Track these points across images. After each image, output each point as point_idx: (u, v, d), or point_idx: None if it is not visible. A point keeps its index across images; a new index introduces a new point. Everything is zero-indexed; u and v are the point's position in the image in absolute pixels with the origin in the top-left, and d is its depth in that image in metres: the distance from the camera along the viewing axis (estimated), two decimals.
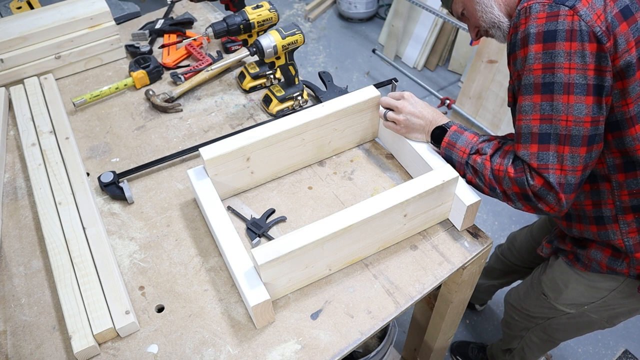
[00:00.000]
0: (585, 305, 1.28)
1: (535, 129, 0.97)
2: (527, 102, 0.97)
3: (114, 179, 1.21)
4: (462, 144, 1.10)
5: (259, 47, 1.27)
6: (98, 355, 0.94)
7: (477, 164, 1.07)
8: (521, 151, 0.99)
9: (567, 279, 1.27)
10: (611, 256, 1.14)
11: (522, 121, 0.98)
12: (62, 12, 1.54)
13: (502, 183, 1.03)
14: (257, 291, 0.93)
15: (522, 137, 0.99)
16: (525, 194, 1.00)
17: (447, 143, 1.12)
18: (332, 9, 3.96)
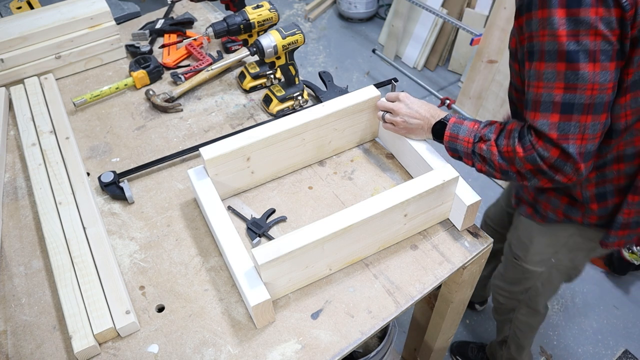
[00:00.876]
0: (551, 258, 1.35)
1: (559, 98, 0.92)
2: (550, 69, 0.92)
3: (114, 178, 1.21)
4: (464, 134, 1.08)
5: (259, 47, 1.28)
6: (98, 355, 0.95)
7: (484, 151, 1.05)
8: (539, 120, 0.95)
9: (530, 234, 1.34)
10: (567, 204, 1.19)
11: (542, 89, 0.93)
12: (62, 12, 1.54)
13: (514, 163, 1.01)
14: (258, 291, 0.93)
15: (542, 106, 0.94)
16: (539, 169, 0.98)
17: (449, 136, 1.10)
18: (332, 9, 3.96)
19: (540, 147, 0.96)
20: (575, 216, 1.19)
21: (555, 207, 1.21)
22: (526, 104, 0.99)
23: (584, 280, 2.24)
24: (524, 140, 0.98)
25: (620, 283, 2.23)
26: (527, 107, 0.98)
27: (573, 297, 2.19)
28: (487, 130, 1.06)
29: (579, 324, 2.10)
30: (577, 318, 2.12)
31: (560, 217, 1.22)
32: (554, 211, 1.22)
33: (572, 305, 2.16)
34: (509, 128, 1.03)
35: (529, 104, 0.97)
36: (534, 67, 0.95)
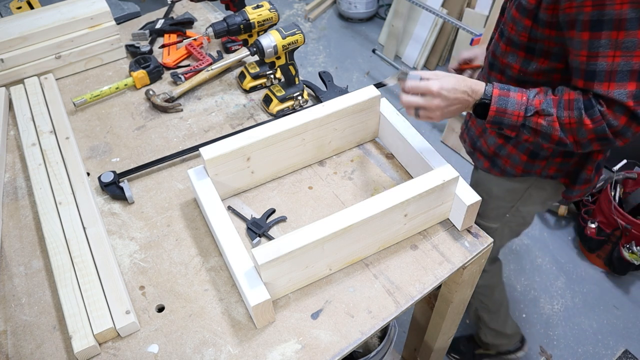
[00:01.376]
0: (507, 213, 1.40)
1: (637, 66, 0.90)
2: (630, 37, 0.89)
3: (114, 178, 1.21)
4: (512, 107, 1.01)
5: (259, 47, 1.28)
6: (98, 355, 0.95)
7: (543, 126, 1.00)
8: (616, 90, 0.92)
9: (488, 187, 1.37)
10: (527, 161, 1.23)
11: (620, 58, 0.90)
12: (62, 12, 1.54)
13: (575, 134, 0.99)
14: (258, 291, 0.93)
15: (618, 75, 0.92)
16: (603, 137, 0.97)
17: (496, 111, 1.02)
18: (332, 9, 3.96)
19: (611, 117, 0.95)
20: (534, 170, 1.25)
21: (515, 164, 1.25)
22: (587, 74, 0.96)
23: (584, 280, 2.24)
24: (592, 111, 0.96)
25: (620, 283, 2.23)
26: (590, 77, 0.95)
27: (573, 297, 2.19)
28: (543, 103, 1.00)
29: (579, 324, 2.10)
30: (577, 318, 2.12)
31: (519, 172, 1.27)
32: (513, 167, 1.27)
33: (572, 305, 2.16)
34: (567, 98, 0.99)
35: (597, 75, 0.94)
36: (606, 37, 0.90)
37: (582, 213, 2.27)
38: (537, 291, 2.21)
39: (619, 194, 2.17)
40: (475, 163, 1.38)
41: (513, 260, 2.32)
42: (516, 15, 1.04)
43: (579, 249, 2.35)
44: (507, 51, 1.11)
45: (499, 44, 1.13)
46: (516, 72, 1.12)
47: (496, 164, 1.30)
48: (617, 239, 2.11)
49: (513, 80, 1.14)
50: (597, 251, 2.23)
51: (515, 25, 1.05)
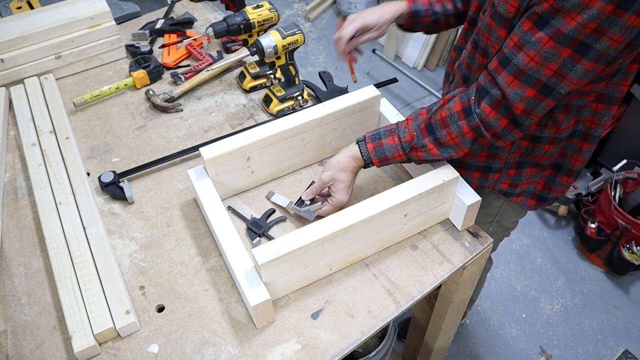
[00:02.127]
0: (489, 227, 1.37)
1: (544, 78, 0.90)
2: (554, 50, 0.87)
3: (114, 178, 1.21)
4: (390, 152, 1.06)
5: (259, 47, 1.27)
6: (98, 355, 0.95)
7: (423, 156, 1.05)
8: (515, 88, 0.92)
9: None
10: (480, 177, 1.22)
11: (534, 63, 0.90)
12: (62, 12, 1.54)
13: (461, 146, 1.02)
14: (258, 291, 0.93)
15: (525, 77, 0.91)
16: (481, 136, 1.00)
17: (379, 161, 1.08)
18: (332, 9, 3.96)
19: (492, 118, 0.96)
20: (487, 184, 1.23)
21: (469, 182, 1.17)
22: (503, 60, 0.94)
23: (584, 280, 2.25)
24: (471, 117, 0.98)
25: (620, 283, 2.23)
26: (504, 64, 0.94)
27: (573, 297, 2.19)
28: (415, 137, 1.04)
29: (579, 324, 2.10)
30: (577, 318, 2.12)
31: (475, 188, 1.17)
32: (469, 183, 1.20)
33: (572, 305, 2.16)
34: (440, 117, 1.02)
35: (509, 66, 0.93)
36: (539, 38, 0.88)
37: (582, 213, 2.27)
38: (537, 291, 2.21)
39: (619, 194, 2.17)
40: None
41: (513, 260, 2.32)
42: (491, 24, 1.01)
43: (579, 249, 2.35)
44: (484, 63, 1.08)
45: (475, 56, 1.10)
46: None
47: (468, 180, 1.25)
48: (617, 239, 2.11)
49: None
50: (597, 251, 2.23)
51: (490, 35, 1.03)
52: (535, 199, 1.25)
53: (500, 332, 2.08)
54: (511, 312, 2.14)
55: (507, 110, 0.95)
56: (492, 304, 2.17)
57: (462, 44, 1.21)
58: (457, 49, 1.24)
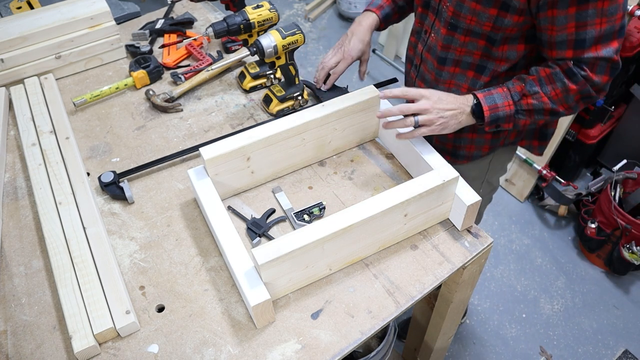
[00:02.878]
0: (480, 189, 1.47)
1: (618, 26, 1.03)
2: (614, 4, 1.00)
3: (114, 178, 1.21)
4: (501, 100, 1.12)
5: (259, 47, 1.27)
6: (98, 355, 0.95)
7: (534, 104, 1.11)
8: (603, 50, 1.04)
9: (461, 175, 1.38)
10: (492, 138, 1.31)
11: (606, 24, 1.01)
12: (62, 12, 1.54)
13: (564, 102, 1.11)
14: (258, 291, 0.93)
15: (604, 38, 1.03)
16: (587, 96, 1.10)
17: (490, 109, 1.12)
18: (332, 9, 3.96)
19: (595, 78, 1.07)
20: (498, 143, 1.33)
21: (481, 145, 1.33)
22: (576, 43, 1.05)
23: (584, 280, 2.25)
24: (575, 78, 1.07)
25: (620, 283, 2.24)
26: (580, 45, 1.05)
27: (573, 297, 2.19)
28: (526, 85, 1.11)
29: (579, 324, 2.10)
30: (577, 318, 2.12)
31: (486, 151, 1.35)
32: (479, 149, 1.34)
33: (572, 305, 2.16)
34: (545, 75, 1.10)
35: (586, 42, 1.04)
36: (593, 7, 1.00)
37: (582, 213, 2.27)
38: (537, 291, 2.21)
39: (619, 194, 2.17)
40: None
41: (513, 260, 2.32)
42: (477, 7, 1.09)
43: (579, 249, 2.35)
44: (466, 42, 1.16)
45: (455, 36, 1.17)
46: (478, 57, 1.18)
47: (459, 155, 1.36)
48: (617, 239, 2.11)
49: (471, 67, 1.20)
50: (597, 251, 2.23)
51: (476, 16, 1.10)
52: (537, 139, 1.36)
53: (500, 332, 2.08)
54: (511, 312, 2.14)
55: (604, 67, 1.06)
56: (492, 304, 2.17)
57: (420, 28, 1.30)
58: (414, 33, 1.34)
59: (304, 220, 1.14)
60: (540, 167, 2.38)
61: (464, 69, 1.21)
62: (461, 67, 1.21)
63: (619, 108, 2.36)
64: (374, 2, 1.42)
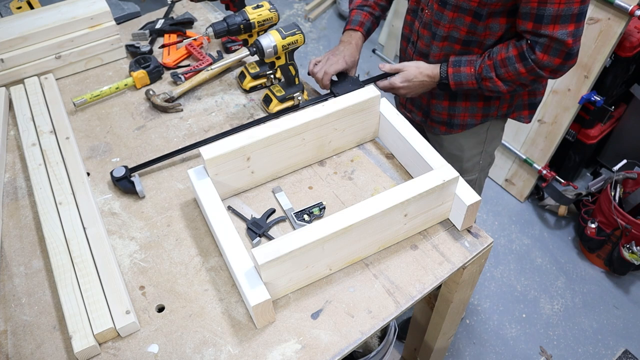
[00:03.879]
0: (480, 160, 1.56)
1: (576, 10, 1.10)
2: None
3: (125, 173, 1.21)
4: (466, 79, 1.28)
5: (259, 47, 1.28)
6: (98, 355, 0.95)
7: (490, 87, 1.27)
8: (559, 31, 1.12)
9: (459, 144, 1.52)
10: (484, 106, 1.41)
11: (564, 4, 1.09)
12: (62, 12, 1.54)
13: (518, 81, 1.24)
14: (258, 291, 0.93)
15: (562, 19, 1.11)
16: (540, 76, 1.21)
17: (455, 84, 1.30)
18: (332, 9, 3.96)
19: (546, 60, 1.17)
20: (491, 112, 1.43)
21: (474, 113, 1.43)
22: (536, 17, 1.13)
23: (584, 280, 2.25)
24: (526, 62, 1.19)
25: (620, 283, 2.24)
26: (539, 20, 1.13)
27: (573, 297, 2.19)
28: (484, 69, 1.25)
29: (579, 324, 2.10)
30: (577, 318, 2.12)
31: (479, 119, 1.44)
32: (472, 117, 1.44)
33: (572, 305, 2.16)
34: (500, 58, 1.23)
35: (544, 19, 1.12)
36: None
37: (582, 213, 2.27)
38: (537, 291, 2.21)
39: (619, 194, 2.17)
40: (430, 130, 1.55)
41: (513, 260, 2.32)
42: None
43: (579, 249, 2.35)
44: (454, 17, 1.25)
45: (443, 13, 1.26)
46: (464, 33, 1.27)
47: (454, 124, 1.46)
48: (617, 239, 2.11)
49: (459, 42, 1.30)
50: (597, 251, 2.23)
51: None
52: (527, 109, 1.46)
53: (500, 332, 2.08)
54: (511, 312, 2.14)
55: (559, 50, 1.15)
56: (492, 304, 2.17)
57: (416, 6, 1.37)
58: (410, 12, 1.41)
59: (304, 220, 1.14)
60: (540, 167, 2.38)
61: (451, 43, 1.31)
62: (449, 42, 1.31)
63: (619, 108, 2.36)
64: (354, 20, 1.49)
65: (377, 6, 1.51)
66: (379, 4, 1.51)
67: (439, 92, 1.42)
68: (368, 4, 1.50)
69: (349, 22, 1.50)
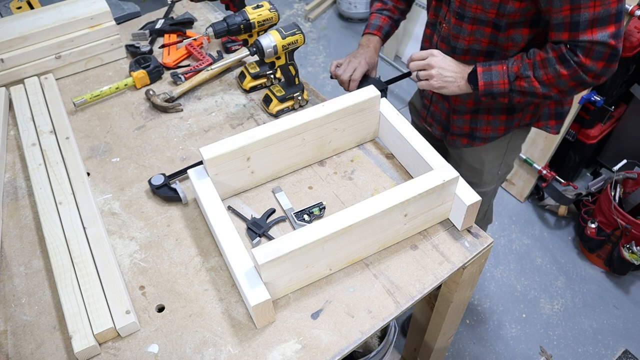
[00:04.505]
0: (498, 170, 1.53)
1: (614, 9, 1.04)
2: None
3: (164, 181, 1.20)
4: (497, 78, 1.19)
5: (259, 47, 1.28)
6: (98, 355, 0.95)
7: (525, 87, 1.18)
8: (599, 34, 1.06)
9: (480, 158, 1.49)
10: (507, 119, 1.38)
11: (599, 7, 1.03)
12: (62, 12, 1.54)
13: (557, 86, 1.15)
14: (258, 291, 0.93)
15: (599, 22, 1.05)
16: (582, 82, 1.13)
17: (484, 85, 1.21)
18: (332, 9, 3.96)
19: (589, 64, 1.09)
20: (513, 124, 1.39)
21: (497, 126, 1.40)
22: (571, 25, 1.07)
23: (584, 280, 2.25)
24: (567, 64, 1.11)
25: (620, 283, 2.24)
26: (574, 28, 1.07)
27: (573, 297, 2.19)
28: (521, 67, 1.17)
29: (579, 324, 2.10)
30: (577, 318, 2.12)
31: (502, 132, 1.41)
32: (495, 130, 1.41)
33: (572, 305, 2.16)
34: (539, 59, 1.15)
35: (580, 25, 1.06)
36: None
37: (582, 213, 2.27)
38: (537, 291, 2.21)
39: (619, 194, 2.17)
40: (451, 144, 1.52)
41: (513, 260, 2.32)
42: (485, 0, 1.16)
43: (579, 249, 2.35)
44: (473, 30, 1.23)
45: (462, 26, 1.23)
46: (486, 45, 1.25)
47: (476, 137, 1.44)
48: (617, 239, 2.11)
49: (482, 54, 1.27)
50: (597, 251, 2.23)
51: (480, 4, 1.16)
52: (554, 118, 1.40)
53: (500, 332, 2.08)
54: (511, 312, 2.14)
55: (602, 52, 1.07)
56: (492, 304, 2.17)
57: (435, 20, 1.36)
58: (429, 25, 1.40)
59: (304, 220, 1.14)
60: (540, 167, 2.38)
61: (474, 56, 1.28)
62: (471, 55, 1.28)
63: (619, 108, 2.36)
64: (373, 24, 1.50)
65: (396, 9, 1.51)
66: (398, 7, 1.51)
67: (461, 107, 1.39)
68: (387, 7, 1.50)
69: (368, 26, 1.51)
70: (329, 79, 3.32)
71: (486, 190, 1.58)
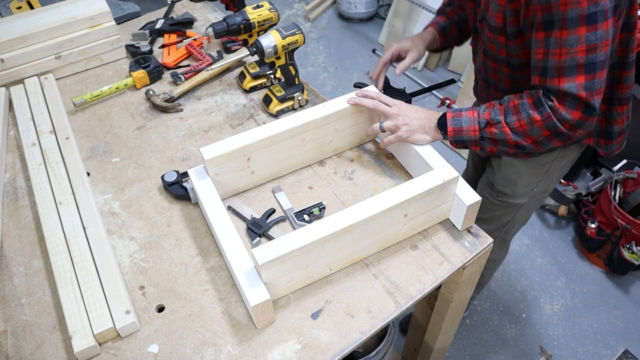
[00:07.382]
0: (534, 187, 1.44)
1: (582, 60, 0.98)
2: (572, 35, 0.97)
3: (177, 178, 1.20)
4: (467, 124, 1.13)
5: (259, 47, 1.28)
6: (98, 355, 0.95)
7: (496, 134, 1.10)
8: (566, 84, 1.00)
9: (518, 170, 1.40)
10: None
11: (565, 55, 0.99)
12: (62, 12, 1.54)
13: (530, 135, 1.08)
14: (258, 291, 0.93)
15: (567, 70, 1.00)
16: (558, 133, 1.06)
17: (453, 131, 1.14)
18: (332, 9, 3.96)
19: (563, 111, 1.02)
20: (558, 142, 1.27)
21: None
22: (541, 70, 1.04)
23: (584, 280, 2.25)
24: (542, 109, 1.04)
25: (620, 283, 2.24)
26: (544, 73, 1.03)
27: (573, 297, 2.19)
28: (492, 113, 1.11)
29: (579, 324, 2.10)
30: (577, 318, 2.12)
31: None
32: None
33: (572, 305, 2.16)
34: (512, 105, 1.09)
35: (548, 71, 1.02)
36: (554, 36, 0.99)
37: (582, 213, 2.27)
38: (537, 291, 2.21)
39: (619, 194, 2.17)
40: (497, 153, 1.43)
41: (513, 261, 2.32)
42: (491, 36, 1.14)
43: (579, 249, 2.36)
44: (495, 68, 1.22)
45: (487, 62, 1.24)
46: (508, 85, 1.23)
47: None
48: (617, 239, 2.11)
49: (510, 92, 1.16)
50: (597, 251, 2.23)
51: (493, 44, 1.16)
52: (603, 137, 1.29)
53: (500, 332, 2.08)
54: (511, 312, 2.14)
55: (574, 103, 1.02)
56: (492, 304, 2.17)
57: (475, 50, 1.35)
58: (473, 54, 1.39)
59: (304, 220, 1.14)
60: None
61: (501, 93, 1.24)
62: (500, 92, 1.27)
63: None
64: (430, 22, 1.49)
65: (455, 14, 1.47)
66: (458, 13, 1.47)
67: None
68: (446, 11, 1.49)
69: None
70: (329, 79, 3.32)
71: (515, 203, 1.49)
